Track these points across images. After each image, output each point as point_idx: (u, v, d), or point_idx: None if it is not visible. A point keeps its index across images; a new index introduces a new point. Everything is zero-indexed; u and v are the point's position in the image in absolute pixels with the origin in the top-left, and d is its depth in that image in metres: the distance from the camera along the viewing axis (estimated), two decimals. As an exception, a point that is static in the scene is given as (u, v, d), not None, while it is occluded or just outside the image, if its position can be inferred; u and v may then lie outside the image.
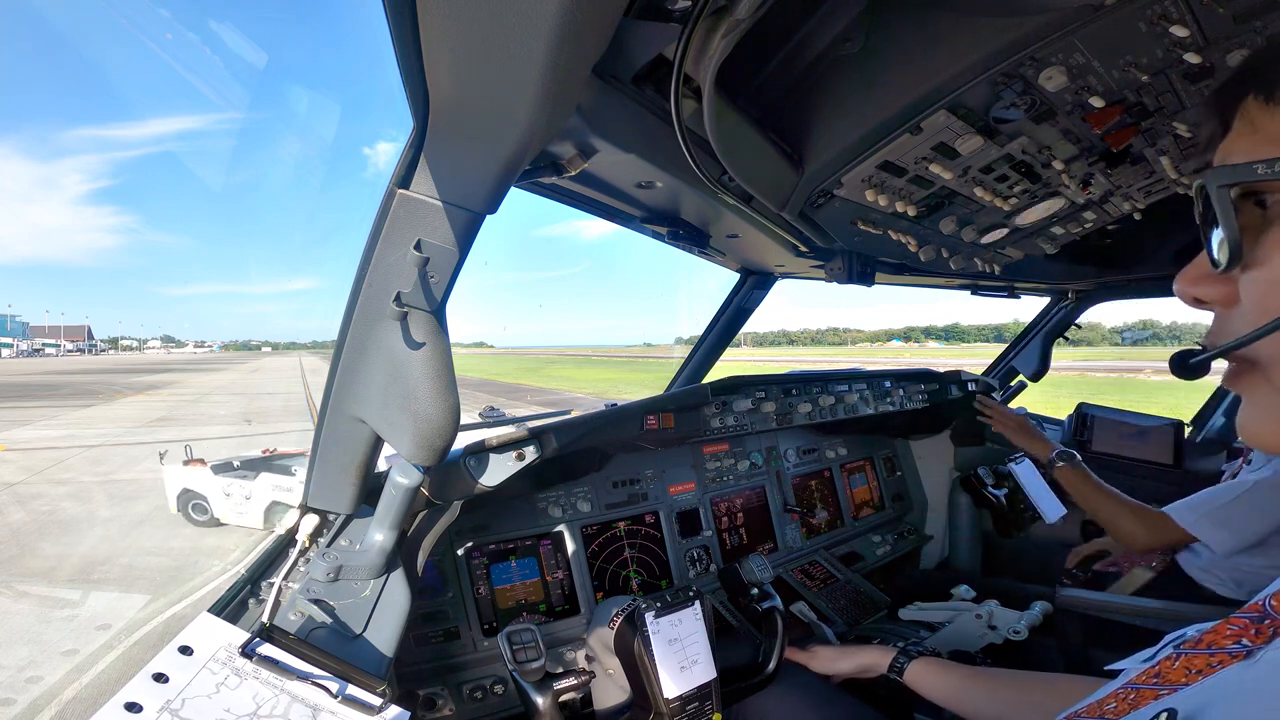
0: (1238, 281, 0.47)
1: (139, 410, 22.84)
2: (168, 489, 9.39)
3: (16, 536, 8.66)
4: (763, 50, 0.96)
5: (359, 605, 1.10)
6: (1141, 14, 0.80)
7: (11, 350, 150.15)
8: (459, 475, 1.35)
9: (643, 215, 1.46)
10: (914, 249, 1.63)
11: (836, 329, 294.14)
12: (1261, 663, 0.43)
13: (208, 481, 9.31)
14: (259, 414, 21.27)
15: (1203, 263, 0.49)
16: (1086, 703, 0.57)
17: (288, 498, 9.09)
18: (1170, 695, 0.48)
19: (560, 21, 0.54)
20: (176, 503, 9.35)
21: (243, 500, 9.28)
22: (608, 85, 0.86)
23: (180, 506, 9.35)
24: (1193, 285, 0.51)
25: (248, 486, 9.29)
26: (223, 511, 9.33)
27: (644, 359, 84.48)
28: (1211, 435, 2.58)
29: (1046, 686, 1.01)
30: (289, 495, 9.08)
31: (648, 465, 2.07)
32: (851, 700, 1.38)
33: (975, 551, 2.64)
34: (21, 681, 5.00)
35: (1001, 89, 0.97)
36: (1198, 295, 0.50)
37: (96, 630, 5.85)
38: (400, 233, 0.90)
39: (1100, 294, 2.85)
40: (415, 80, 0.70)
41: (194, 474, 9.38)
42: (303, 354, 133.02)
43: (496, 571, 1.71)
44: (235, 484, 9.31)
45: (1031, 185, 1.35)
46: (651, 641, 1.17)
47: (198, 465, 9.45)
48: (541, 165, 0.98)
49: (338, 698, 0.85)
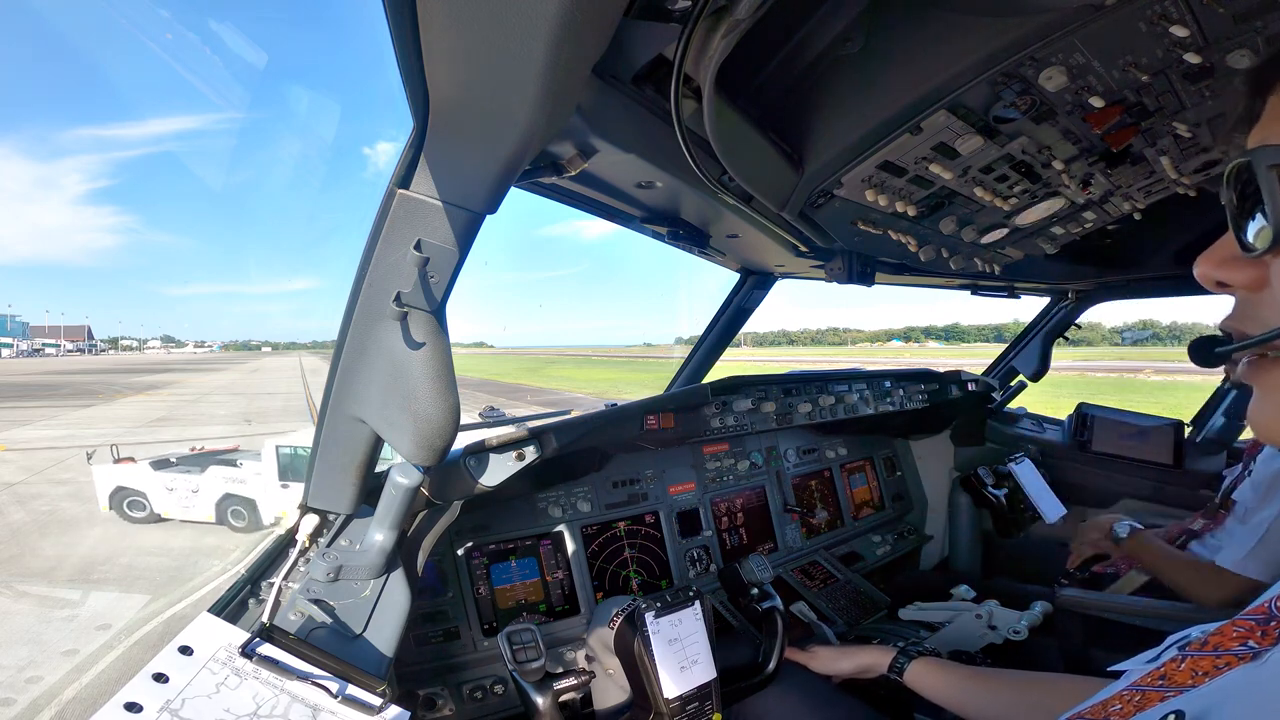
0: (1269, 266, 0.45)
1: (139, 410, 22.86)
2: (98, 488, 9.33)
3: (17, 536, 8.66)
4: (763, 50, 0.96)
5: (359, 605, 1.10)
6: (1141, 14, 0.80)
7: (11, 350, 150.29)
8: (459, 475, 1.35)
9: (643, 215, 1.46)
10: (914, 249, 1.63)
11: (836, 329, 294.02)
12: (1269, 664, 0.43)
13: (146, 478, 9.26)
14: (259, 414, 21.27)
15: (1228, 245, 0.47)
16: (1090, 704, 0.57)
17: (243, 489, 9.06)
18: (1177, 697, 0.47)
19: (560, 21, 0.54)
20: (109, 501, 9.29)
21: (189, 494, 9.24)
22: (608, 85, 0.86)
23: (114, 505, 9.29)
24: (1218, 268, 0.48)
25: (194, 480, 9.25)
26: (165, 507, 9.28)
27: (644, 359, 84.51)
28: (1211, 435, 2.57)
29: (1047, 687, 1.01)
30: (243, 487, 9.07)
31: (648, 465, 2.07)
32: (852, 700, 1.38)
33: (975, 551, 2.64)
34: (21, 681, 5.00)
35: (1001, 89, 0.97)
36: (1223, 279, 0.48)
37: (96, 630, 5.86)
38: (400, 233, 0.90)
39: (1100, 294, 2.85)
40: (415, 80, 0.70)
41: (128, 471, 9.32)
42: (303, 354, 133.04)
43: (496, 571, 1.71)
44: (179, 479, 9.26)
45: (1031, 185, 1.35)
46: (651, 641, 1.17)
47: (128, 463, 9.41)
48: (541, 165, 0.98)
49: (338, 698, 0.85)
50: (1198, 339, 0.50)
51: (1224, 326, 0.49)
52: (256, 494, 9.05)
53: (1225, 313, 0.50)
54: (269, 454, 8.91)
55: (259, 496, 9.04)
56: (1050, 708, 0.93)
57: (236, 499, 9.16)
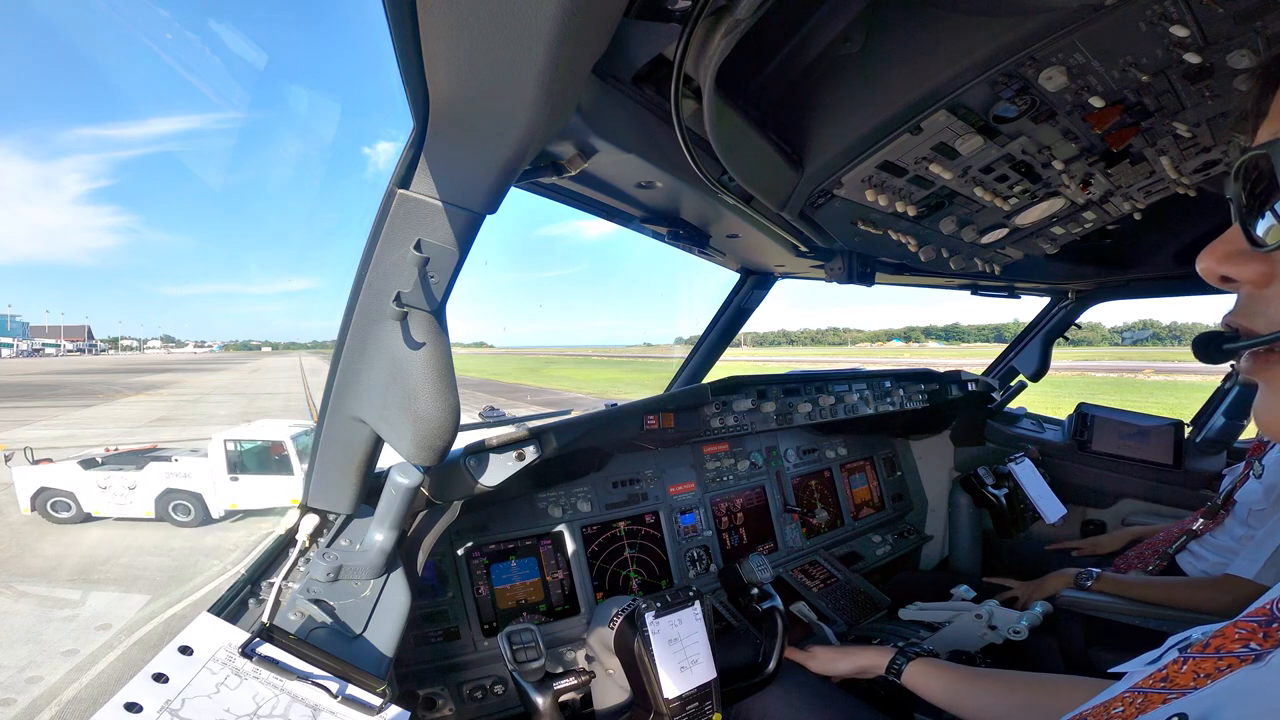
0: (1278, 262, 0.44)
1: (139, 410, 22.85)
2: (18, 491, 9.28)
3: (17, 536, 8.66)
4: (763, 50, 0.96)
5: (359, 605, 1.10)
6: (1141, 14, 0.80)
7: (11, 350, 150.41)
8: (459, 475, 1.35)
9: (643, 215, 1.46)
10: (914, 249, 1.63)
11: (836, 329, 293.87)
12: (1271, 666, 0.43)
13: (73, 478, 9.24)
14: (259, 414, 21.26)
15: (1233, 239, 0.46)
16: (1091, 705, 0.56)
17: (187, 483, 9.25)
18: (1179, 699, 0.47)
19: (560, 21, 0.54)
20: (30, 503, 9.25)
21: (125, 491, 9.27)
22: (608, 85, 0.86)
23: (36, 507, 9.26)
24: (1223, 263, 0.47)
25: (131, 477, 9.29)
26: (97, 505, 9.28)
27: (644, 359, 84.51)
28: (1211, 435, 2.57)
29: (1046, 688, 1.00)
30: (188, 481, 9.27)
31: (648, 465, 2.07)
32: (852, 700, 1.38)
33: (975, 551, 2.64)
34: (22, 681, 5.00)
35: (1001, 89, 0.97)
36: (1229, 274, 0.47)
37: (96, 630, 5.85)
38: (400, 233, 0.90)
39: (1100, 294, 2.85)
40: (415, 80, 0.70)
41: (50, 472, 9.31)
42: (303, 354, 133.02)
43: (496, 571, 1.71)
44: (114, 476, 9.29)
45: (1031, 185, 1.35)
46: (651, 641, 1.17)
47: (45, 464, 9.40)
48: (541, 165, 0.98)
49: (338, 698, 0.85)
50: (1203, 335, 0.48)
51: (1229, 322, 0.48)
52: (203, 488, 9.35)
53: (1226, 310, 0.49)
54: (216, 449, 9.38)
55: (206, 490, 9.35)
56: (1049, 709, 0.92)
57: (180, 493, 9.34)
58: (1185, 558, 1.98)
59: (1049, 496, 2.47)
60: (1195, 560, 1.94)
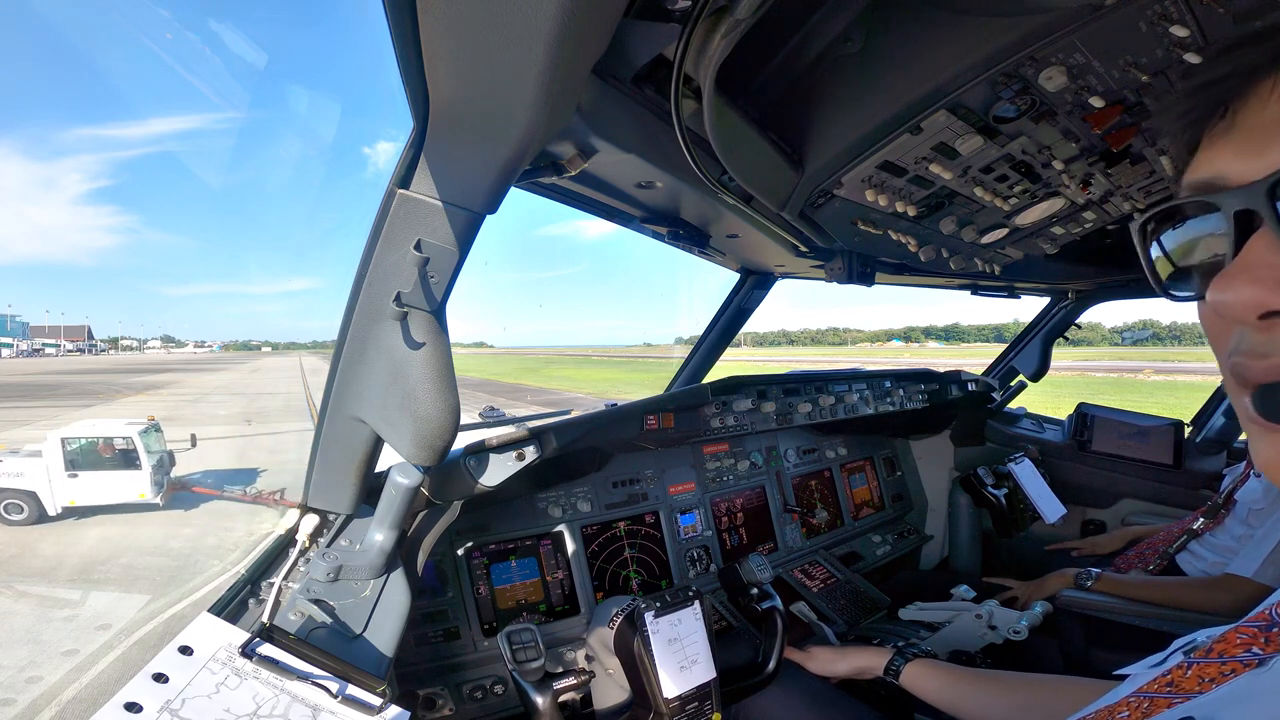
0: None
1: (139, 410, 22.82)
2: None
3: (17, 536, 8.66)
4: (763, 50, 0.96)
5: (359, 605, 1.10)
6: (1141, 14, 0.80)
7: (11, 350, 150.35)
8: (459, 475, 1.35)
9: (643, 215, 1.46)
10: (914, 249, 1.63)
11: (836, 329, 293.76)
12: (1274, 671, 0.44)
13: None
14: (259, 414, 21.27)
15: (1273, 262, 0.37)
16: (1095, 709, 0.56)
17: (20, 482, 9.64)
18: (1185, 703, 0.48)
19: (560, 22, 0.54)
20: None
21: None
22: (608, 85, 0.86)
23: None
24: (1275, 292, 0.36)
25: None
26: None
27: (644, 359, 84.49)
28: (1211, 435, 2.57)
29: (1044, 688, 1.00)
30: (21, 480, 9.66)
31: (648, 465, 2.07)
32: (852, 700, 1.38)
33: (975, 551, 2.64)
34: (22, 681, 5.00)
35: (1001, 89, 0.97)
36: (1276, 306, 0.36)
37: (96, 630, 5.86)
38: (400, 233, 0.90)
39: (1100, 294, 2.85)
40: (415, 80, 0.70)
41: None
42: (303, 354, 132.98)
43: (496, 571, 1.71)
44: None
45: (1031, 185, 1.35)
46: (651, 641, 1.17)
47: None
48: (541, 165, 0.98)
49: (338, 698, 0.85)
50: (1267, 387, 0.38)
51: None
52: (38, 486, 9.68)
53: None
54: (52, 447, 9.79)
55: (40, 488, 9.69)
56: (1049, 709, 0.92)
57: (12, 493, 9.63)
58: (1185, 557, 1.98)
59: (1049, 496, 2.47)
60: (1195, 560, 1.94)
